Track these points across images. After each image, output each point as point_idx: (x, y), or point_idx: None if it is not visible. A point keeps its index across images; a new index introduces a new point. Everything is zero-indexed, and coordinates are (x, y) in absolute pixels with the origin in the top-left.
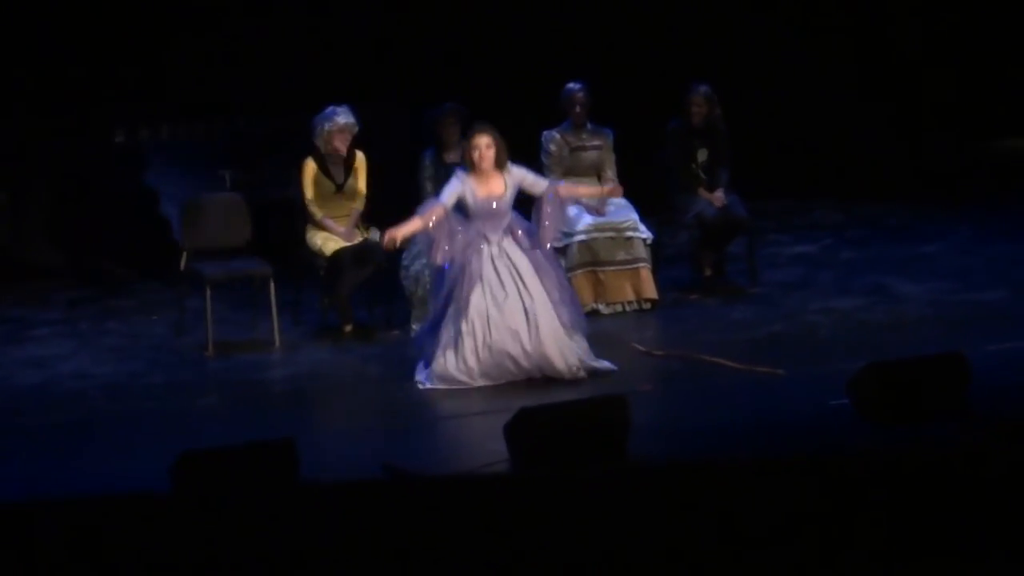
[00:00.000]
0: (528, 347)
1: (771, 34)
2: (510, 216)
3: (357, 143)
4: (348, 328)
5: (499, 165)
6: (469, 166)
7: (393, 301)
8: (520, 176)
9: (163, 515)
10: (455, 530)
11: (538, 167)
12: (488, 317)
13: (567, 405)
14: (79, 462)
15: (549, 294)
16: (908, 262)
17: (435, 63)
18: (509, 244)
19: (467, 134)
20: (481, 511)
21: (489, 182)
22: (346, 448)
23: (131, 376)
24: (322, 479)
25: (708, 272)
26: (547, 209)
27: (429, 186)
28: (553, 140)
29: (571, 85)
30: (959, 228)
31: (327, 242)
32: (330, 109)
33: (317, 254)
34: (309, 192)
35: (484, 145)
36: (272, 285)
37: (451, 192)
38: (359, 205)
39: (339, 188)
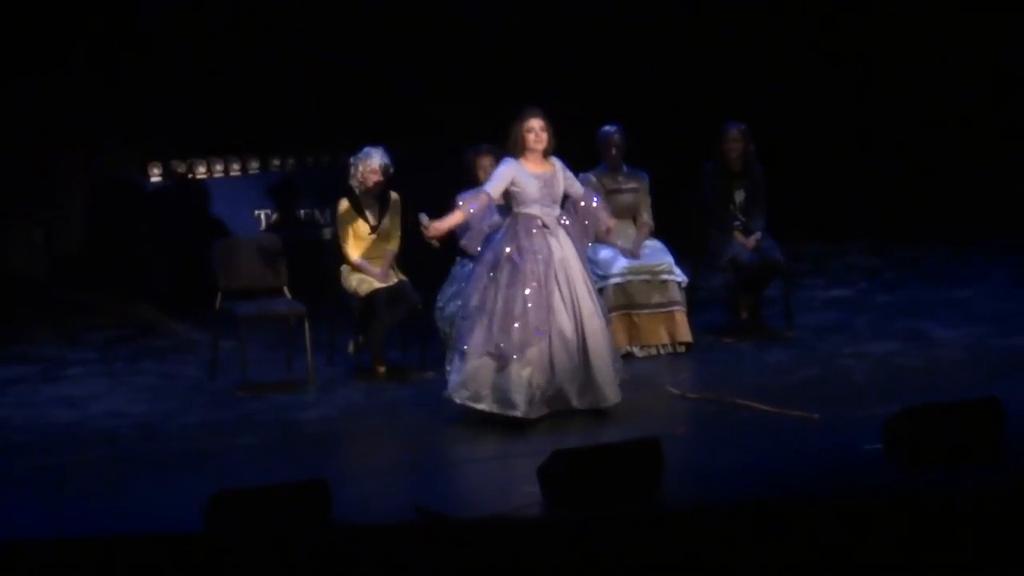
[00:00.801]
0: (576, 353)
1: (804, 75)
2: (559, 209)
3: (392, 184)
4: (381, 369)
5: (548, 152)
6: (519, 150)
7: (427, 342)
8: (563, 168)
9: (196, 555)
10: (488, 574)
11: None
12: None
13: (601, 447)
14: (112, 501)
15: (591, 294)
16: (943, 306)
17: (471, 105)
18: (564, 239)
19: (518, 117)
20: (514, 554)
21: (541, 164)
22: (379, 489)
23: (165, 416)
24: (355, 521)
25: (745, 316)
26: (585, 217)
27: None
28: (589, 183)
29: (607, 128)
30: (994, 272)
31: (362, 283)
32: (365, 150)
33: (352, 295)
34: (344, 233)
35: (539, 127)
36: (307, 325)
37: (499, 179)
38: (394, 246)
39: (374, 229)
